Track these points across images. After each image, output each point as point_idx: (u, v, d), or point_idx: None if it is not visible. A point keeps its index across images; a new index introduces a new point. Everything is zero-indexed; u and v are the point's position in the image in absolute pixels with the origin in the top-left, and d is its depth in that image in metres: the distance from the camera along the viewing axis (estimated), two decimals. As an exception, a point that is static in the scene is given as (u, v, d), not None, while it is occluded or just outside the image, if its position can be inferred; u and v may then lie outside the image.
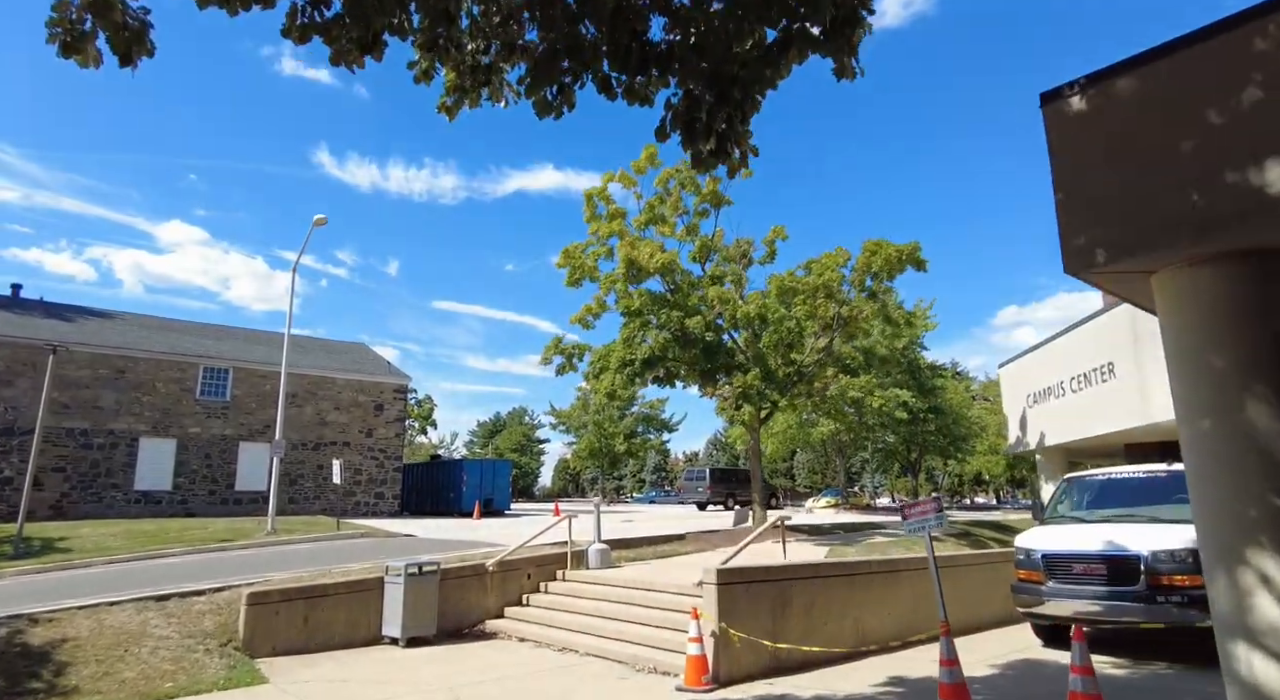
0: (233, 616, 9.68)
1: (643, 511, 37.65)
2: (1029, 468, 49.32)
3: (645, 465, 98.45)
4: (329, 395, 30.47)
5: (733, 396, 15.00)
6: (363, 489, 30.79)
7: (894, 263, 16.63)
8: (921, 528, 6.91)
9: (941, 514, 6.89)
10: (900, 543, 15.86)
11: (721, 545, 15.35)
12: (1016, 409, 18.82)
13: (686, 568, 12.28)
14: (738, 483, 40.50)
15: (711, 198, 17.54)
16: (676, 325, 15.34)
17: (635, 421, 52.85)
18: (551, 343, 17.19)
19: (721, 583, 8.01)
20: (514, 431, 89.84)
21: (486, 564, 11.75)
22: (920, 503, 6.99)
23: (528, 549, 12.81)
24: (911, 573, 10.26)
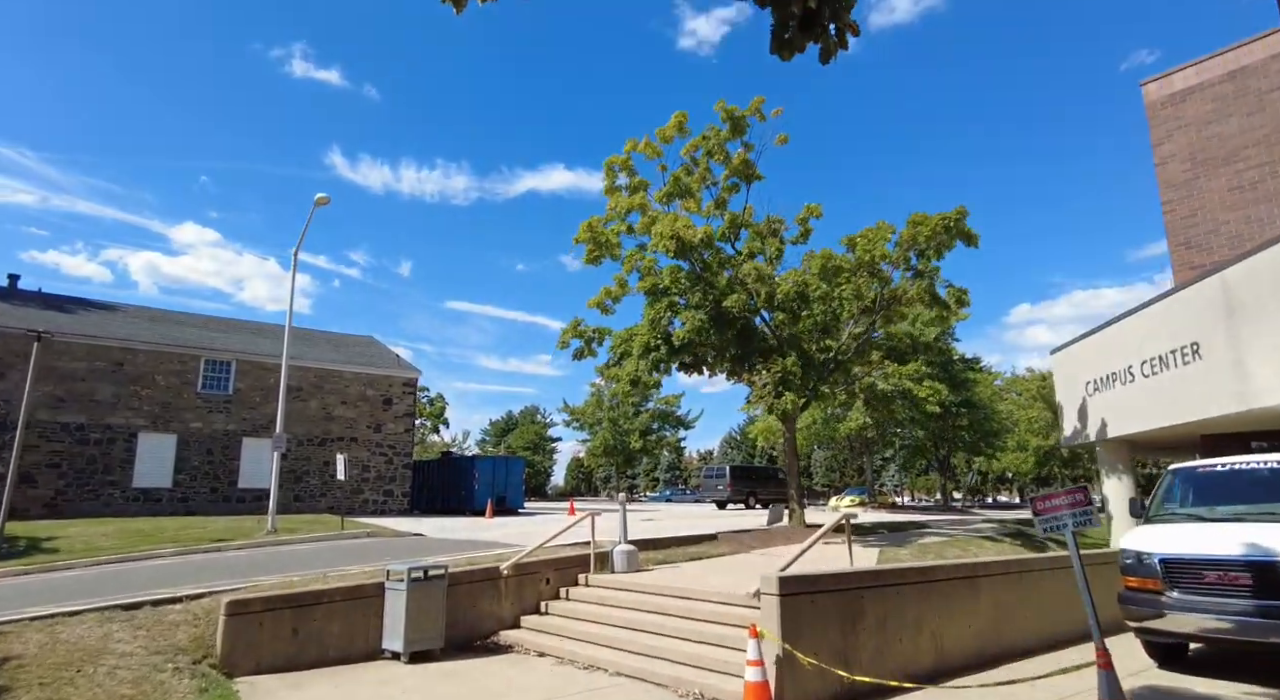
0: (210, 628, 8.43)
1: (660, 510, 36.28)
2: (1060, 464, 47.56)
3: (659, 464, 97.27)
4: (335, 389, 29.32)
5: (772, 382, 13.62)
6: (370, 486, 29.63)
7: (941, 235, 15.18)
8: (1057, 527, 5.51)
9: (1089, 508, 5.46)
10: (953, 543, 14.43)
11: (756, 547, 14.00)
12: (1073, 398, 17.31)
13: (725, 572, 10.93)
14: (758, 481, 39.08)
15: (741, 169, 16.14)
16: (712, 305, 13.97)
17: (651, 418, 51.49)
18: (569, 325, 15.87)
19: (785, 593, 6.65)
20: (526, 430, 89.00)
21: (500, 567, 10.45)
22: (1055, 495, 5.58)
23: (545, 550, 11.51)
24: (992, 579, 8.86)
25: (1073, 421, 17.30)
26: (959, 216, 14.95)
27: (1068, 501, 5.47)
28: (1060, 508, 5.46)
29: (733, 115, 15.44)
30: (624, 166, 16.62)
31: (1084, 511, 5.44)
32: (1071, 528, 5.43)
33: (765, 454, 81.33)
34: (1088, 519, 5.45)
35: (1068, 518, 5.45)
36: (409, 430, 31.25)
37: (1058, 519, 5.48)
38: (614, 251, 16.09)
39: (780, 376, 13.75)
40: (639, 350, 15.04)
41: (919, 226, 15.19)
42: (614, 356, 15.64)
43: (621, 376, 14.89)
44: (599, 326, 16.22)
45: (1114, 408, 15.46)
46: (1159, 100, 16.18)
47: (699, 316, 13.73)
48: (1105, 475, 16.27)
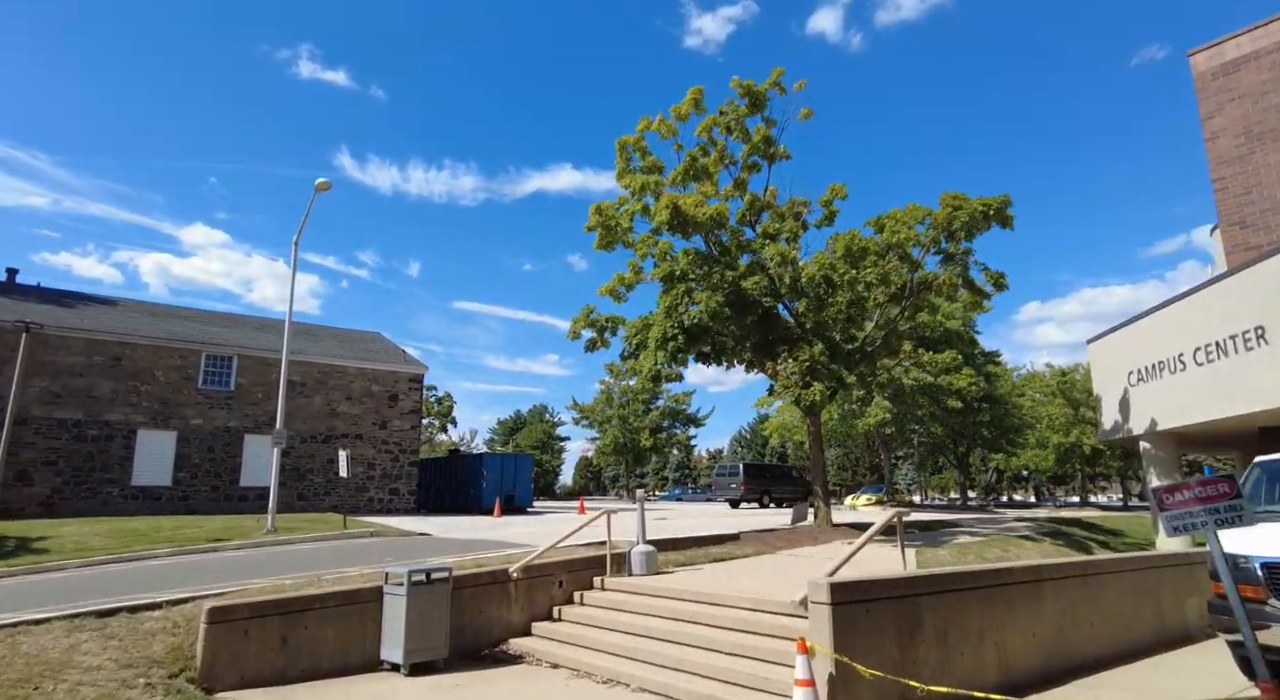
0: (191, 637, 7.63)
1: (672, 509, 35.41)
2: (1082, 461, 46.41)
3: (668, 462, 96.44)
4: (340, 385, 28.60)
5: (798, 371, 12.75)
6: (376, 484, 28.89)
7: (979, 220, 14.26)
8: (1189, 527, 4.59)
9: (1235, 503, 4.49)
10: (991, 543, 13.52)
11: (783, 547, 13.13)
12: (1113, 389, 16.34)
13: (753, 575, 10.06)
14: (773, 479, 38.13)
15: (762, 147, 15.23)
16: (730, 287, 13.09)
17: (661, 415, 50.65)
18: (581, 313, 15.01)
19: (838, 602, 5.78)
20: (534, 429, 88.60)
21: (509, 570, 9.62)
22: (1184, 486, 4.64)
23: (558, 551, 10.67)
24: (1057, 583, 7.95)
25: (1113, 414, 16.33)
26: (1002, 204, 14.04)
27: (1199, 495, 4.51)
28: (1190, 502, 4.52)
29: (750, 90, 14.56)
30: (637, 147, 15.77)
31: (1228, 508, 4.46)
32: (1212, 527, 4.47)
33: (775, 453, 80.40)
34: (1235, 516, 4.46)
35: (1204, 515, 4.48)
36: (415, 427, 30.50)
37: (1189, 516, 4.54)
38: (626, 236, 15.23)
39: (808, 365, 12.86)
40: (656, 340, 14.17)
41: (956, 209, 14.26)
42: (629, 347, 14.78)
43: (642, 369, 14.02)
44: (612, 315, 15.37)
45: (1161, 399, 14.50)
46: (1208, 71, 15.20)
47: (716, 299, 12.84)
48: (1151, 471, 15.28)
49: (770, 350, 13.93)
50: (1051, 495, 76.85)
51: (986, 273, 14.69)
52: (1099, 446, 42.83)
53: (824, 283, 13.50)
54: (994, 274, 14.60)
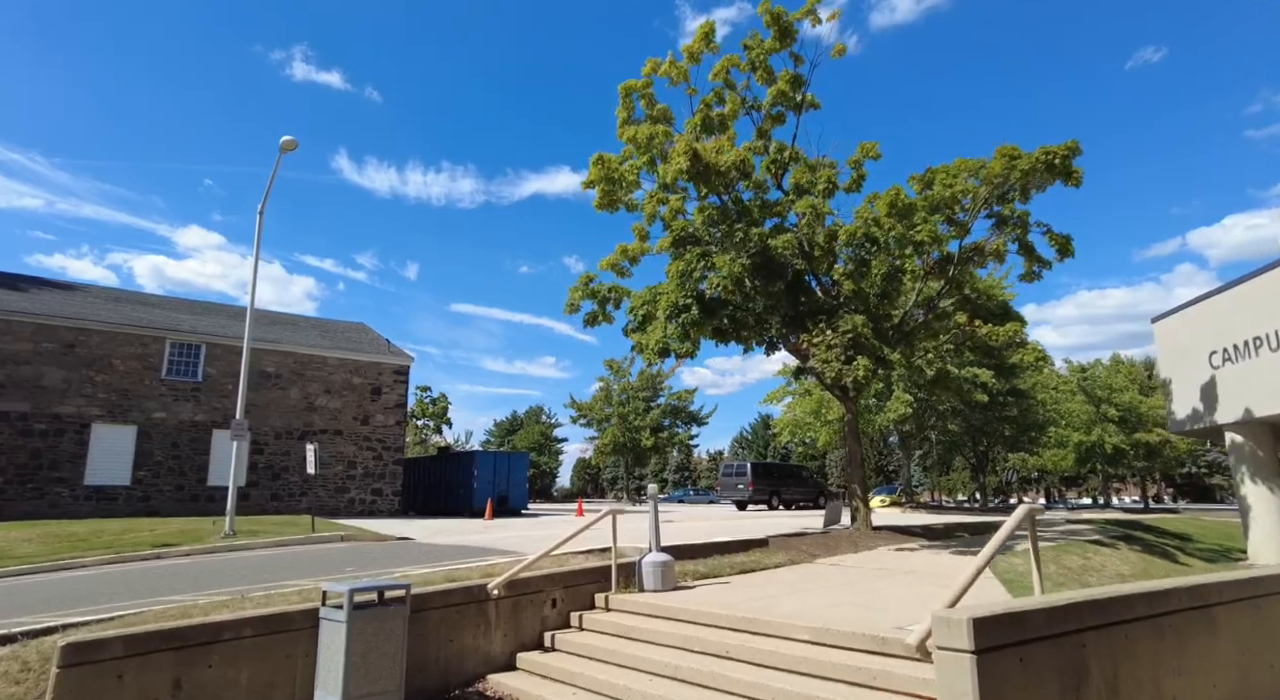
0: (41, 686, 5.53)
1: (676, 511, 33.32)
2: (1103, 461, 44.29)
3: (668, 464, 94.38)
4: (318, 377, 26.47)
5: (840, 344, 10.66)
6: (357, 484, 26.74)
7: (1040, 173, 12.21)
8: None
9: None
10: (1063, 549, 11.44)
11: (820, 555, 11.03)
12: (1189, 372, 14.28)
13: (797, 591, 7.96)
14: (781, 479, 36.07)
15: (790, 93, 13.15)
16: (757, 247, 11.02)
17: (662, 413, 48.57)
18: (579, 282, 12.92)
19: (983, 647, 3.69)
20: (531, 430, 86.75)
21: (489, 586, 7.52)
22: None
23: (551, 561, 8.59)
24: (1229, 608, 5.86)
25: (1189, 402, 14.25)
26: (1068, 152, 11.96)
27: None
28: None
29: (779, 19, 12.46)
30: (643, 95, 13.70)
31: None
32: None
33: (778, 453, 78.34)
34: None
35: None
36: (400, 423, 28.37)
37: None
38: (629, 194, 13.17)
39: (850, 337, 10.80)
40: (665, 311, 12.10)
41: (1013, 160, 12.20)
42: (634, 320, 12.70)
43: (647, 344, 11.94)
44: (615, 285, 13.27)
45: (1259, 382, 12.43)
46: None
47: (740, 262, 10.77)
48: (1242, 470, 13.21)
49: (801, 323, 11.86)
50: (1062, 498, 74.79)
51: (1050, 235, 12.62)
52: (1121, 445, 40.82)
53: (866, 242, 11.44)
54: (1059, 237, 12.52)
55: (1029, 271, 13.45)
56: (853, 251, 11.86)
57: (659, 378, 49.33)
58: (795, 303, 12.14)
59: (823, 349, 10.79)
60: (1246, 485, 13.13)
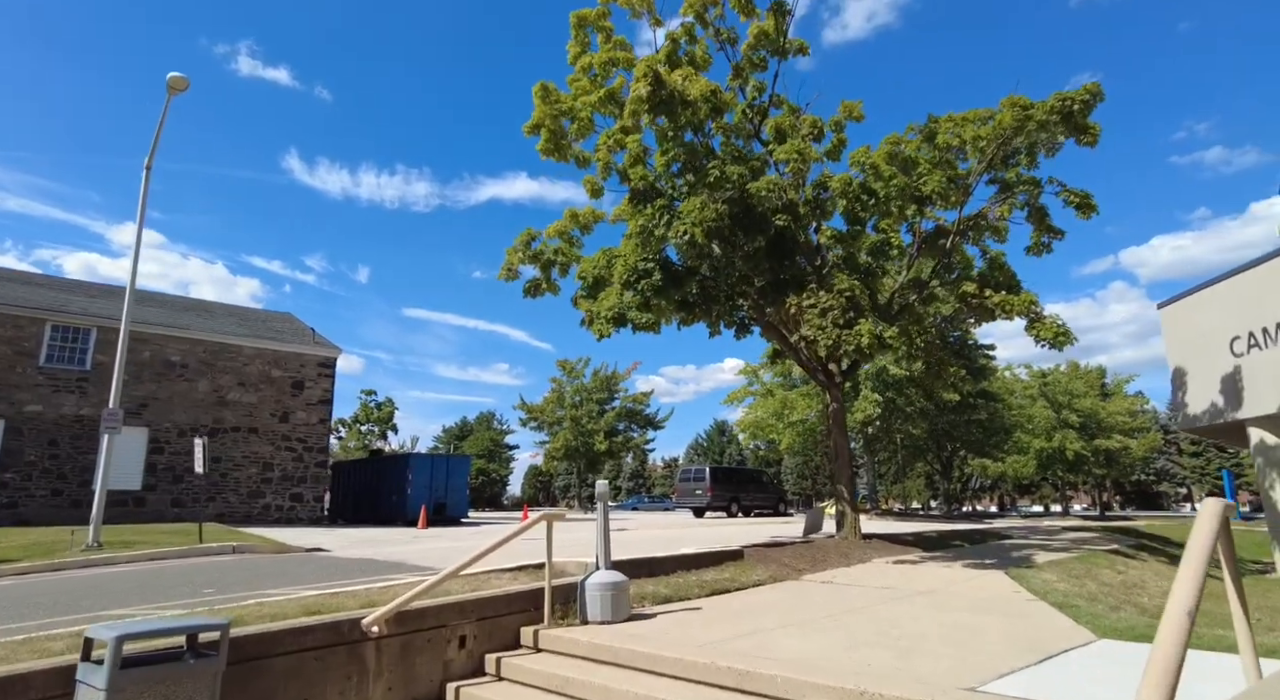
0: None
1: (631, 519, 31.18)
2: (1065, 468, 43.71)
3: (622, 471, 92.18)
4: (231, 367, 23.57)
5: (838, 306, 8.69)
6: (274, 489, 23.88)
7: (1054, 125, 10.54)
8: None
9: None
10: (1089, 560, 9.69)
11: (806, 569, 9.04)
12: (1204, 362, 12.82)
13: (794, 622, 5.90)
14: (741, 485, 34.25)
15: (772, 35, 11.25)
16: (734, 189, 9.02)
17: (617, 417, 46.39)
18: (519, 242, 10.71)
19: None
20: (481, 436, 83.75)
21: (366, 621, 5.28)
22: None
23: (462, 582, 6.43)
24: None
25: (1205, 396, 12.76)
26: (1089, 96, 10.29)
27: None
28: None
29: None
30: (599, 26, 11.65)
31: None
32: None
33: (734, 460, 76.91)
34: None
35: None
36: (325, 421, 25.59)
37: None
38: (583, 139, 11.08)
39: (849, 297, 8.88)
40: (622, 276, 10.03)
41: (1026, 111, 10.50)
42: (585, 286, 10.60)
43: (598, 312, 9.85)
44: (562, 247, 11.14)
45: None
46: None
47: (713, 208, 8.75)
48: (1272, 473, 11.72)
49: (782, 293, 9.90)
50: (1014, 505, 74.99)
51: (1067, 193, 10.93)
52: (1082, 452, 40.25)
53: (862, 195, 9.56)
54: (1078, 194, 10.83)
55: (1037, 243, 11.79)
56: (846, 205, 9.96)
57: (614, 379, 47.20)
58: (777, 268, 10.20)
59: (816, 313, 8.83)
60: (1275, 490, 11.63)
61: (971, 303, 10.62)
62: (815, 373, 11.36)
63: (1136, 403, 46.22)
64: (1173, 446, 62.86)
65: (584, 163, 11.79)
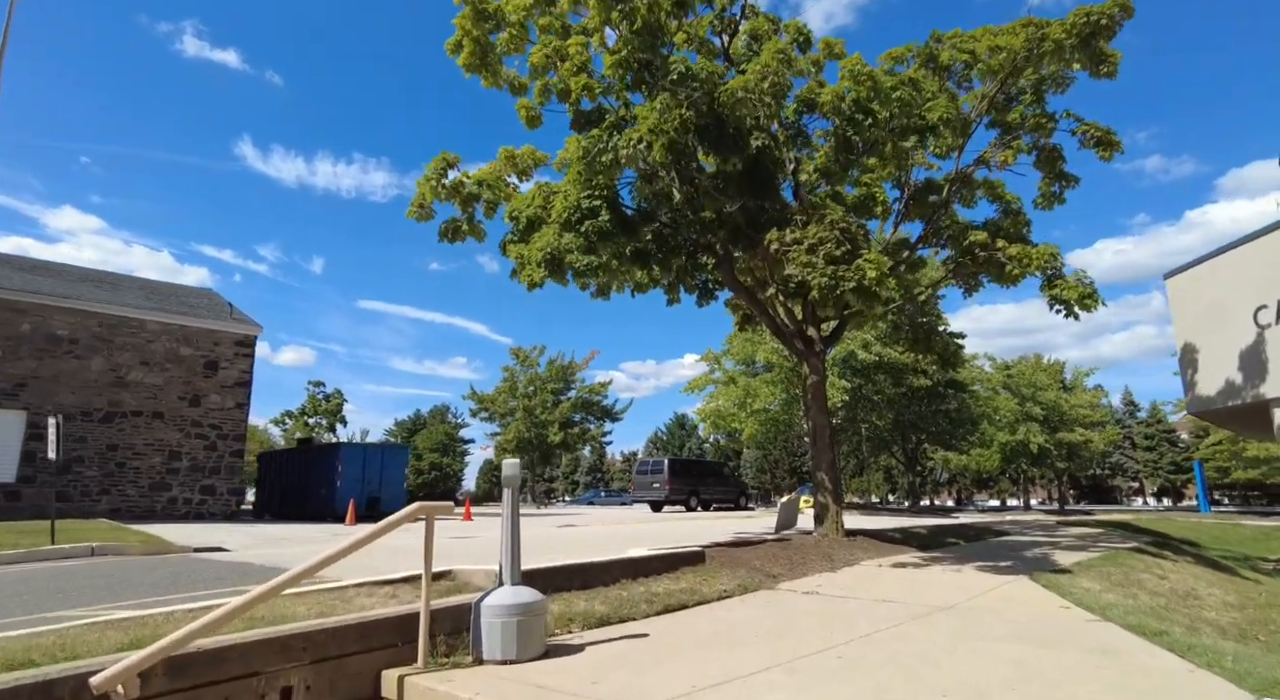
0: None
1: (585, 514, 29.32)
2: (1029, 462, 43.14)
3: (579, 465, 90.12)
4: (133, 344, 20.90)
5: (832, 238, 6.87)
6: (181, 481, 21.31)
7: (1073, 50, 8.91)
8: None
9: None
10: (1119, 560, 8.09)
11: (783, 575, 7.24)
12: (1221, 336, 11.44)
13: (784, 661, 4.00)
14: (701, 477, 32.59)
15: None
16: (701, 93, 7.12)
17: (572, 407, 44.35)
18: (431, 169, 8.59)
19: None
20: (435, 430, 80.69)
21: (97, 681, 3.24)
22: None
23: (311, 601, 4.43)
24: None
25: (1220, 373, 11.37)
26: (1116, 8, 8.68)
27: None
28: None
29: None
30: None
31: None
32: None
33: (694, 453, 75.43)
34: None
35: None
36: (243, 405, 23.03)
37: None
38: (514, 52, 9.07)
39: (843, 230, 7.09)
40: (561, 215, 8.09)
41: (1041, 30, 8.86)
42: (516, 228, 8.64)
43: (530, 256, 7.90)
44: (490, 180, 9.12)
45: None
46: None
47: (679, 115, 6.85)
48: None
49: (760, 229, 8.06)
50: (972, 500, 75.12)
51: (1085, 127, 9.32)
52: (1046, 445, 39.63)
53: (858, 114, 7.77)
54: (1098, 129, 9.24)
55: (1046, 193, 10.19)
56: (837, 129, 8.17)
57: (571, 368, 45.12)
58: (753, 203, 8.35)
59: (803, 250, 7.00)
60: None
61: (979, 257, 8.95)
62: (791, 339, 9.60)
63: (1097, 396, 45.96)
64: (1126, 441, 63.37)
65: (520, 88, 9.78)
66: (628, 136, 7.02)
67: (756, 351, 28.36)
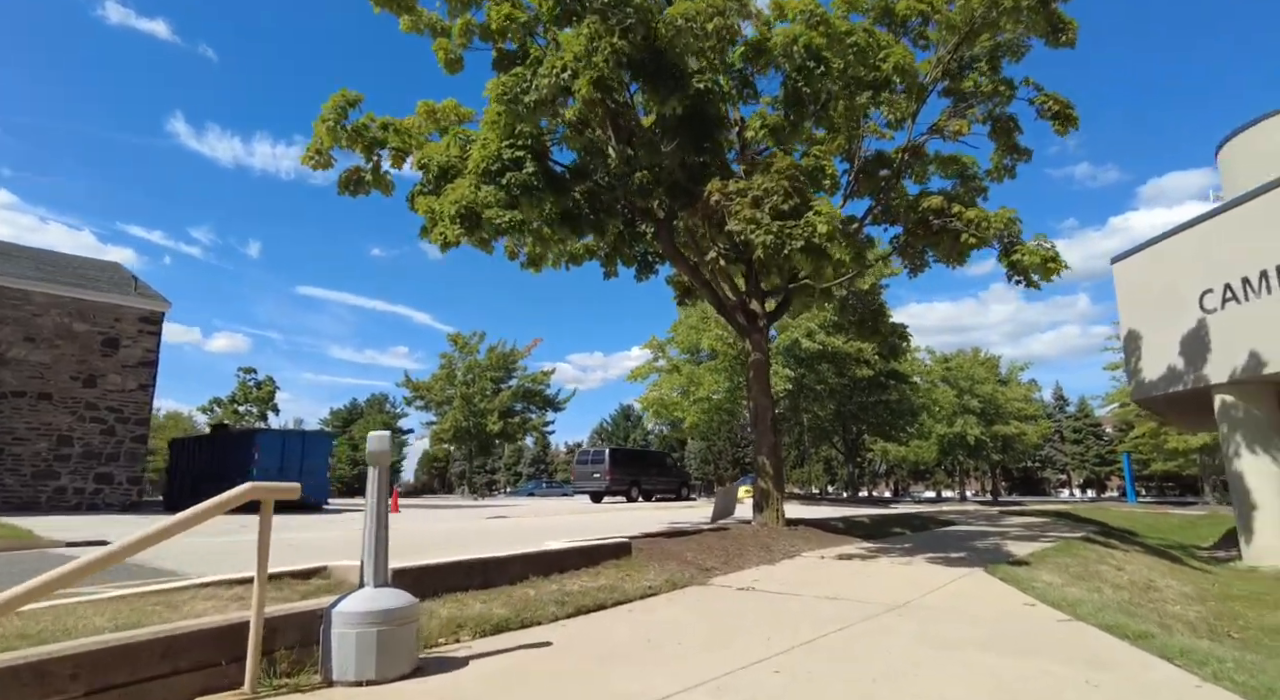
0: None
1: (522, 505, 28.23)
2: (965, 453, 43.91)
3: (522, 456, 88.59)
4: (15, 317, 18.91)
5: (780, 190, 6.03)
6: (72, 468, 19.44)
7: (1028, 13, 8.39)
8: None
9: None
10: (1072, 551, 7.63)
11: (715, 568, 6.49)
12: (1165, 322, 11.21)
13: (713, 683, 3.19)
14: (643, 468, 31.85)
15: None
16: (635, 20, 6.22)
17: (513, 396, 43.08)
18: (328, 109, 7.48)
19: None
20: (373, 420, 78.02)
21: None
22: None
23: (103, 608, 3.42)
24: None
25: (1164, 358, 11.14)
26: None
27: None
28: None
29: None
30: None
31: None
32: None
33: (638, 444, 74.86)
34: None
35: None
36: (147, 387, 21.18)
37: None
38: None
39: (791, 179, 6.32)
40: (479, 165, 7.13)
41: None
42: (428, 178, 7.64)
43: (442, 210, 6.93)
44: (394, 121, 8.06)
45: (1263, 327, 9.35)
46: None
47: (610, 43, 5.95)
48: (1237, 439, 10.15)
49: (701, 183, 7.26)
50: (907, 491, 76.68)
51: (1044, 97, 8.83)
52: (982, 437, 40.33)
53: (810, 62, 7.02)
54: (1057, 100, 8.77)
55: (998, 166, 9.71)
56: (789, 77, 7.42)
57: (512, 356, 43.77)
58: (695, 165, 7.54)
59: (747, 203, 6.20)
60: (1243, 460, 10.09)
61: (932, 225, 8.35)
62: (733, 314, 8.86)
63: (1031, 390, 47.11)
64: (1056, 434, 65.50)
65: (442, 32, 8.74)
66: (550, 64, 6.11)
67: (701, 339, 27.78)
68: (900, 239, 9.28)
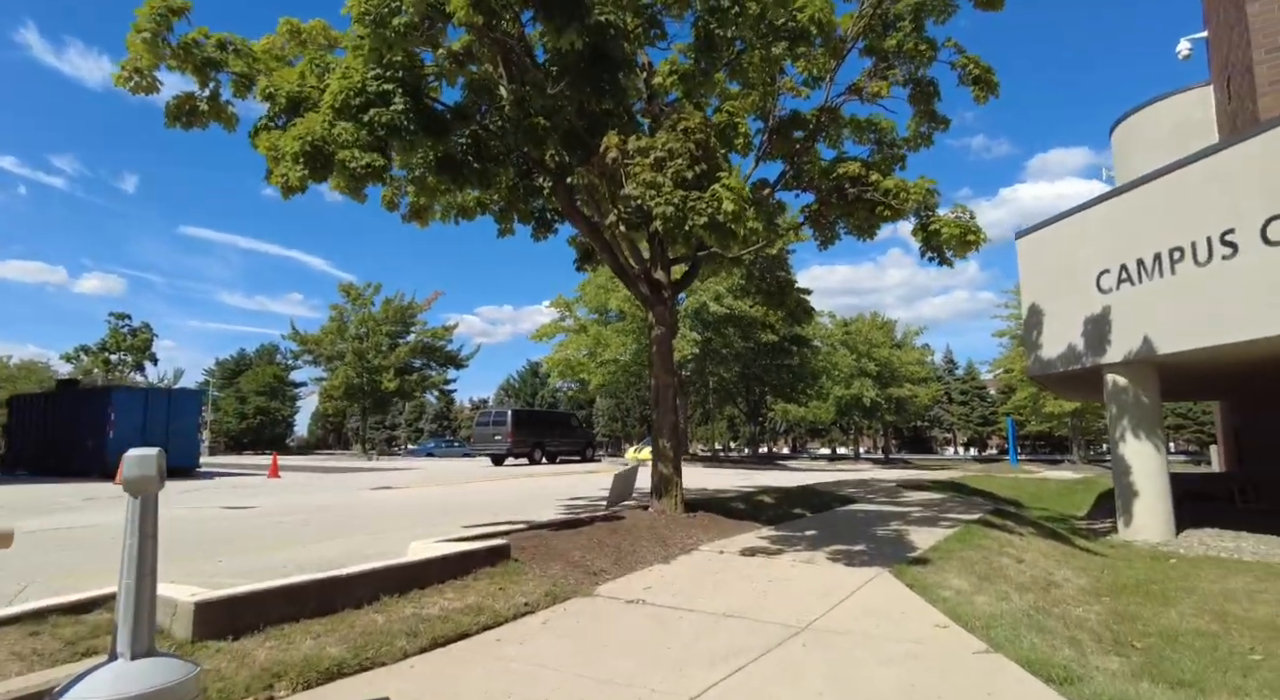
0: None
1: (415, 469, 27.02)
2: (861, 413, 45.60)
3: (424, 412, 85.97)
4: None
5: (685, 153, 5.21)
6: (-125, 433, 16.77)
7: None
8: None
9: None
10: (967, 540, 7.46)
11: (606, 572, 5.86)
12: (1064, 300, 11.35)
13: None
14: (548, 429, 31.14)
15: None
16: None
17: (411, 352, 41.16)
18: (146, 16, 6.06)
19: None
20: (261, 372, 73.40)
21: None
22: None
23: None
24: None
25: (1063, 339, 11.28)
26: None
27: None
28: None
29: None
30: None
31: None
32: None
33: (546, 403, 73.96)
34: None
35: None
36: (-29, 339, 18.49)
37: None
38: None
39: (699, 142, 5.55)
40: (338, 98, 5.96)
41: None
42: (276, 110, 6.39)
43: (285, 148, 5.75)
44: (236, 38, 6.70)
45: (1171, 309, 9.50)
46: None
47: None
48: (1124, 421, 10.38)
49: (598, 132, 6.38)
50: (805, 448, 79.72)
51: (966, 60, 8.40)
52: (878, 399, 41.82)
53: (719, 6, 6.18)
54: (980, 66, 8.36)
55: (915, 133, 9.26)
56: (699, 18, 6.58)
57: (411, 309, 41.66)
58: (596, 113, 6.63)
59: (648, 165, 5.39)
60: (1127, 442, 10.37)
61: (848, 194, 7.82)
62: (636, 282, 8.10)
63: (925, 354, 49.24)
64: (945, 396, 69.28)
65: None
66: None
67: (610, 299, 27.04)
68: (812, 208, 8.74)
